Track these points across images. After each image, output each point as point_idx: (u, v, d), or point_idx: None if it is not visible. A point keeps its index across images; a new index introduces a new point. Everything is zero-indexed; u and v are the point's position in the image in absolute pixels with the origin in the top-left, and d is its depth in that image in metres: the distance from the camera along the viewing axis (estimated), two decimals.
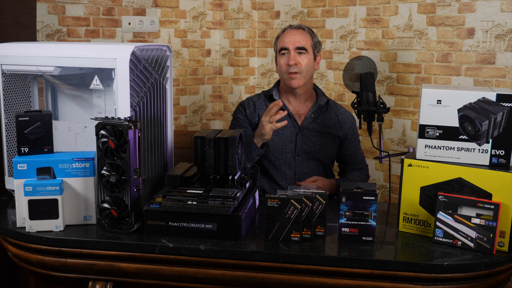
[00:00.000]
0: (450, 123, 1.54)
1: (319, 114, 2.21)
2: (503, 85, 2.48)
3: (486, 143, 1.51)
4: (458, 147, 1.54)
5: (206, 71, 3.53)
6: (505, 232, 1.50)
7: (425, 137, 1.57)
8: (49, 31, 2.80)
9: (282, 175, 2.19)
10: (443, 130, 1.55)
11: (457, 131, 1.53)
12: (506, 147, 1.50)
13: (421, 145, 1.59)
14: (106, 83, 1.79)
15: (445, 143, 1.55)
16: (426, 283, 1.44)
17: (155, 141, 1.80)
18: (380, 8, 2.88)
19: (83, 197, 1.66)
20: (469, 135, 1.52)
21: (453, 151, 1.55)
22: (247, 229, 1.64)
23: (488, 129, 1.49)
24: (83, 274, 1.59)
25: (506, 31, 2.44)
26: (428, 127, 1.56)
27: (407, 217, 1.65)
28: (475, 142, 1.52)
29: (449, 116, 1.53)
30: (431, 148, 1.57)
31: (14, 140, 1.87)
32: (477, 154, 1.53)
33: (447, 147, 1.55)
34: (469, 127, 1.51)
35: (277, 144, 2.17)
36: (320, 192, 1.60)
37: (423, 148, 1.58)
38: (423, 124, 1.57)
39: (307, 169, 2.19)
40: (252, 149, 2.01)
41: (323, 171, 2.23)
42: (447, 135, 1.55)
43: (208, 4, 3.46)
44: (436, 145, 1.56)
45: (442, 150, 1.56)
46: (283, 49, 2.14)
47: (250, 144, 2.01)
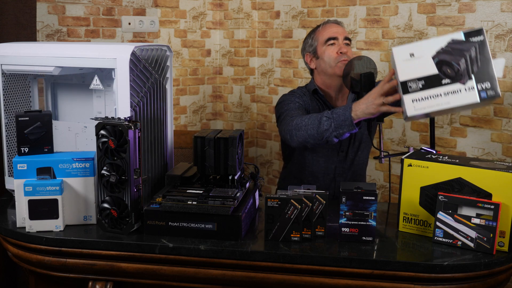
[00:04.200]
0: (429, 72, 1.53)
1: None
2: (503, 85, 2.48)
3: (469, 80, 1.50)
4: (445, 92, 1.52)
5: (206, 71, 3.53)
6: (505, 232, 1.50)
7: (410, 92, 1.55)
8: (49, 31, 2.80)
9: (324, 170, 2.16)
10: (424, 80, 1.54)
11: (438, 77, 1.53)
12: (490, 78, 1.49)
13: (408, 101, 1.56)
14: (106, 83, 1.80)
15: (431, 92, 1.54)
16: (426, 283, 1.44)
17: (155, 141, 1.80)
18: (380, 8, 2.88)
19: (83, 197, 1.66)
20: (451, 78, 1.51)
21: (441, 98, 1.53)
22: (247, 229, 1.64)
23: (466, 66, 1.49)
24: (83, 274, 1.59)
25: (506, 31, 2.44)
26: (409, 82, 1.55)
27: (407, 217, 1.65)
28: (459, 83, 1.51)
29: (425, 65, 1.53)
30: (419, 101, 1.55)
31: (14, 140, 1.87)
32: (465, 94, 1.51)
33: (434, 95, 1.53)
34: (448, 69, 1.51)
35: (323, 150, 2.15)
36: (320, 192, 1.60)
37: (411, 103, 1.55)
38: (403, 81, 1.56)
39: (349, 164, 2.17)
40: (346, 125, 1.77)
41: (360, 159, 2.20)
42: (430, 84, 1.53)
43: (208, 4, 3.46)
44: (423, 97, 1.54)
45: (429, 100, 1.54)
46: (332, 38, 2.10)
47: (346, 117, 1.77)
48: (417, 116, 1.62)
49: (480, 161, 1.61)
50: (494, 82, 1.50)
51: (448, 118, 2.68)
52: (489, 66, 1.50)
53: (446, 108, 1.54)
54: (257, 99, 3.56)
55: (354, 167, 2.20)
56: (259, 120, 3.58)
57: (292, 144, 1.95)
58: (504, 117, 2.49)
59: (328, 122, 1.80)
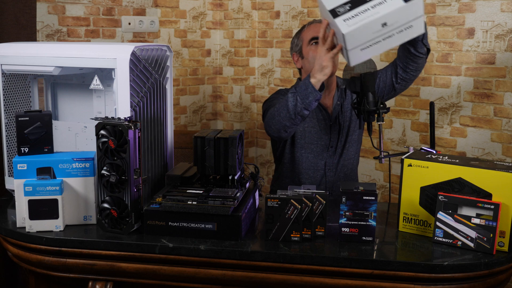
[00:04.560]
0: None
1: (342, 100, 2.21)
2: (503, 85, 2.48)
3: None
4: (372, 6, 1.60)
5: (206, 71, 3.53)
6: (505, 232, 1.50)
7: (340, 15, 1.62)
8: (49, 31, 2.80)
9: (314, 167, 2.19)
10: (350, 2, 1.62)
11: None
12: None
13: (340, 22, 1.61)
14: (106, 83, 1.80)
15: (359, 9, 1.60)
16: (426, 283, 1.44)
17: (155, 141, 1.80)
18: None
19: (83, 197, 1.66)
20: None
21: (370, 11, 1.59)
22: (247, 229, 1.64)
23: None
24: (83, 274, 1.59)
25: (506, 31, 2.44)
26: (336, 8, 1.63)
27: (407, 217, 1.65)
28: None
29: None
30: (350, 19, 1.60)
31: (14, 140, 1.87)
32: (390, 2, 1.59)
33: (363, 11, 1.60)
34: None
35: (313, 137, 2.19)
36: (320, 192, 1.60)
37: (343, 23, 1.61)
38: (331, 9, 1.63)
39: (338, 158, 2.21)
40: (310, 92, 1.84)
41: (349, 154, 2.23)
42: (356, 3, 1.61)
43: (208, 4, 3.46)
44: (353, 15, 1.60)
45: (360, 15, 1.60)
46: (316, 38, 2.11)
47: (306, 86, 1.83)
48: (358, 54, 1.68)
49: (480, 161, 1.61)
50: None
51: (448, 118, 2.68)
52: None
53: (376, 18, 1.58)
54: (257, 99, 3.56)
55: (343, 161, 2.23)
56: (259, 120, 3.58)
57: (273, 135, 2.00)
58: (504, 117, 2.49)
59: (294, 97, 1.86)
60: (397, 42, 1.69)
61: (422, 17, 1.65)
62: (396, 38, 1.66)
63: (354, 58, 1.71)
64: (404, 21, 1.62)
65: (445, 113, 2.70)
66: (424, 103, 2.76)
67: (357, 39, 1.64)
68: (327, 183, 2.21)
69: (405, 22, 1.62)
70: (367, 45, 1.66)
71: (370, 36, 1.64)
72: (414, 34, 1.69)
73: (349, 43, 1.64)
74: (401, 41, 1.70)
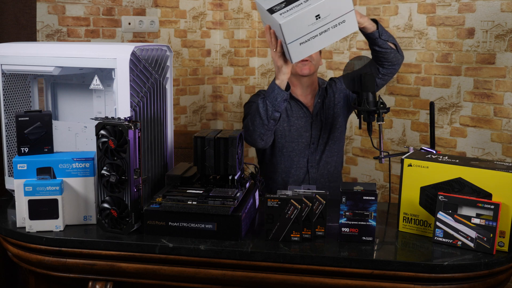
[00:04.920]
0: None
1: (323, 98, 2.25)
2: (503, 85, 2.48)
3: None
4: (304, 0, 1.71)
5: (206, 71, 3.53)
6: (505, 232, 1.50)
7: (275, 11, 1.73)
8: (49, 31, 2.80)
9: (296, 164, 2.22)
10: (285, 1, 1.74)
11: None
12: None
13: (277, 16, 1.72)
14: (106, 83, 1.80)
15: (293, 4, 1.72)
16: (426, 283, 1.44)
17: (155, 141, 1.80)
18: (380, 8, 2.88)
19: (83, 197, 1.66)
20: None
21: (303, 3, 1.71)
22: (247, 229, 1.64)
23: None
24: (83, 274, 1.59)
25: (506, 31, 2.44)
26: (274, 7, 1.74)
27: (407, 217, 1.65)
28: None
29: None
30: (286, 12, 1.71)
31: (14, 140, 1.87)
32: None
33: (297, 5, 1.71)
34: None
35: (293, 135, 2.21)
36: (320, 192, 1.60)
37: (279, 16, 1.71)
38: (269, 8, 1.75)
39: (319, 154, 2.23)
40: (277, 94, 1.92)
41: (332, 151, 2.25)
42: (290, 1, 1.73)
43: (208, 4, 3.46)
44: (288, 9, 1.71)
45: (293, 8, 1.71)
46: None
47: (273, 89, 1.92)
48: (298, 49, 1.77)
49: (480, 161, 1.61)
50: None
51: (448, 118, 2.68)
52: None
53: (309, 9, 1.69)
54: None
55: (326, 158, 2.24)
56: None
57: (254, 145, 2.07)
58: (504, 117, 2.49)
59: (263, 102, 1.93)
60: (335, 37, 1.78)
61: (353, 12, 1.74)
62: (332, 33, 1.75)
63: (295, 54, 1.79)
64: (337, 15, 1.72)
65: (445, 113, 2.70)
66: (424, 103, 2.76)
67: (294, 31, 1.73)
68: (310, 180, 2.22)
69: (337, 16, 1.72)
70: (305, 39, 1.74)
71: (306, 29, 1.72)
72: (349, 30, 1.78)
73: (286, 35, 1.72)
74: (339, 36, 1.78)
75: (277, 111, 1.93)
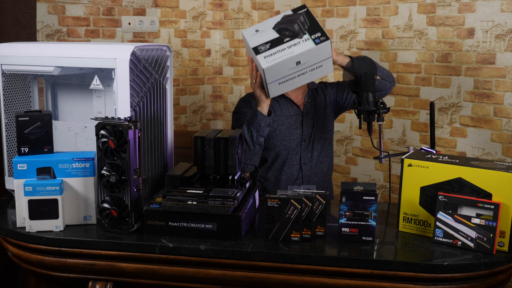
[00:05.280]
0: (272, 37, 1.87)
1: (313, 98, 2.28)
2: (503, 85, 2.48)
3: (304, 35, 1.85)
4: (288, 46, 1.83)
5: (206, 71, 3.53)
6: (505, 232, 1.50)
7: (261, 52, 1.85)
8: (49, 31, 2.80)
9: (289, 161, 2.23)
10: (270, 42, 1.86)
11: (280, 38, 1.86)
12: (320, 30, 1.85)
13: (261, 59, 1.84)
14: (106, 83, 1.79)
15: (277, 48, 1.84)
16: (426, 283, 1.44)
17: (155, 141, 1.80)
18: (380, 8, 2.88)
19: (83, 197, 1.66)
20: (290, 36, 1.85)
21: (286, 50, 1.83)
22: (247, 229, 1.64)
23: (299, 27, 1.86)
24: (83, 274, 1.59)
25: (506, 31, 2.44)
26: (258, 46, 1.86)
27: (407, 217, 1.65)
28: (297, 38, 1.85)
29: (269, 34, 1.87)
30: (269, 56, 1.83)
31: (14, 140, 1.87)
32: (303, 44, 1.83)
33: (280, 50, 1.83)
34: (287, 32, 1.85)
35: (284, 133, 2.21)
36: (320, 192, 1.60)
37: (263, 59, 1.83)
38: (254, 46, 1.86)
39: (311, 152, 2.24)
40: (260, 120, 2.03)
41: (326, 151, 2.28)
42: (275, 44, 1.85)
43: (208, 4, 3.46)
44: (271, 53, 1.83)
45: (277, 53, 1.83)
46: None
47: (256, 115, 2.03)
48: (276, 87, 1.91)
49: (480, 161, 1.61)
50: (323, 32, 1.83)
51: (448, 118, 2.68)
52: (317, 24, 1.85)
53: (291, 57, 1.81)
54: None
55: (318, 157, 2.26)
56: None
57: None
58: (504, 117, 2.49)
59: (248, 129, 2.05)
60: (311, 78, 1.94)
61: (330, 58, 1.90)
62: (309, 75, 1.90)
63: (273, 91, 1.94)
64: (315, 61, 1.86)
65: (445, 113, 2.70)
66: (424, 103, 2.76)
67: (275, 74, 1.86)
68: (303, 177, 2.23)
69: (316, 62, 1.87)
70: (284, 80, 1.89)
71: (286, 72, 1.86)
72: (325, 73, 1.94)
73: (268, 77, 1.86)
74: (314, 78, 1.94)
75: (261, 136, 2.03)
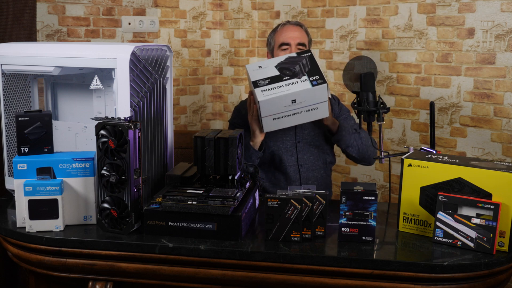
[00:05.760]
0: (273, 74, 1.94)
1: None
2: (503, 85, 2.48)
3: (303, 76, 1.91)
4: (286, 84, 1.90)
5: (206, 71, 3.53)
6: (505, 232, 1.50)
7: (259, 86, 1.91)
8: (49, 31, 2.80)
9: (285, 163, 2.22)
10: (270, 79, 1.93)
11: (280, 76, 1.93)
12: (318, 73, 1.91)
13: (258, 92, 1.90)
14: (106, 83, 1.79)
15: (275, 84, 1.91)
16: (426, 283, 1.44)
17: (155, 141, 1.80)
18: (380, 8, 2.88)
19: (83, 197, 1.66)
20: (290, 76, 1.92)
21: (283, 87, 1.89)
22: (247, 229, 1.64)
23: (300, 69, 1.93)
24: (83, 274, 1.59)
25: (506, 31, 2.44)
26: (258, 80, 1.93)
27: (407, 217, 1.65)
28: (296, 78, 1.91)
29: (270, 71, 1.95)
30: (266, 90, 1.90)
31: (14, 140, 1.87)
32: (301, 84, 1.89)
33: (278, 86, 1.90)
34: (287, 72, 1.92)
35: (277, 134, 2.21)
36: (320, 192, 1.60)
37: (260, 93, 1.90)
38: (254, 80, 1.94)
39: (308, 154, 2.23)
40: (251, 153, 2.08)
41: (323, 156, 2.27)
42: (274, 80, 1.92)
43: (208, 4, 3.46)
44: (269, 88, 1.90)
45: (274, 89, 1.90)
46: (285, 44, 2.20)
47: (248, 148, 2.07)
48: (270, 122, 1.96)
49: (480, 161, 1.61)
50: (321, 75, 1.90)
51: (448, 118, 2.68)
52: (317, 68, 1.92)
53: (287, 94, 1.87)
54: None
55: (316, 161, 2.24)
56: None
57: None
58: (504, 117, 2.49)
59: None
60: (305, 119, 1.98)
61: (327, 102, 1.93)
62: (303, 115, 1.95)
63: (267, 126, 1.99)
64: (311, 102, 1.91)
65: (445, 113, 2.70)
66: (424, 103, 2.76)
67: (270, 109, 1.92)
68: (301, 179, 2.22)
69: (311, 103, 1.91)
70: (279, 116, 1.94)
71: (282, 108, 1.91)
72: (319, 116, 1.98)
73: (263, 110, 1.92)
74: (309, 119, 1.98)
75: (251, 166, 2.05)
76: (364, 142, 2.15)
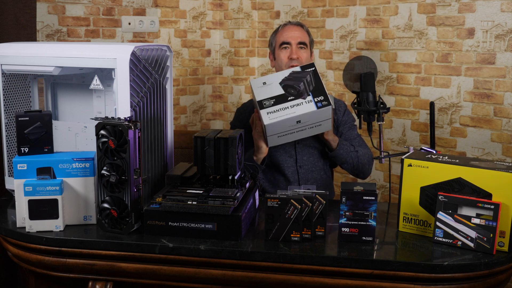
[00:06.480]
0: (277, 93, 1.94)
1: None
2: (503, 85, 2.48)
3: (308, 96, 1.91)
4: (291, 105, 1.91)
5: (206, 71, 3.54)
6: (505, 232, 1.50)
7: (265, 108, 1.92)
8: (49, 31, 2.80)
9: (284, 164, 2.22)
10: (275, 98, 1.93)
11: (285, 96, 1.93)
12: (323, 94, 1.91)
13: (264, 114, 1.91)
14: (106, 83, 1.80)
15: (280, 106, 1.92)
16: (426, 283, 1.44)
17: (155, 141, 1.80)
18: (380, 8, 2.88)
19: (83, 197, 1.66)
20: (294, 95, 1.92)
21: (288, 109, 1.90)
22: (247, 229, 1.64)
23: (305, 87, 1.92)
24: (83, 274, 1.59)
25: (506, 31, 2.44)
26: (263, 100, 1.93)
27: (407, 217, 1.65)
28: (301, 98, 1.91)
29: (275, 89, 1.95)
30: (272, 113, 1.91)
31: (14, 140, 1.87)
32: (305, 105, 1.90)
33: (283, 108, 1.91)
34: (292, 90, 1.92)
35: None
36: (320, 192, 1.60)
37: (266, 115, 1.90)
38: (259, 100, 1.94)
39: (307, 155, 2.22)
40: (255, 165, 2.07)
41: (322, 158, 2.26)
42: (279, 101, 1.92)
43: (208, 4, 3.46)
44: (275, 110, 1.91)
45: (280, 111, 1.90)
46: (285, 43, 2.20)
47: (251, 161, 2.07)
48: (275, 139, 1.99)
49: (480, 161, 1.61)
50: (326, 96, 1.90)
51: (448, 118, 2.68)
52: (321, 86, 1.92)
53: (293, 117, 1.89)
54: None
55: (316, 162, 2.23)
56: None
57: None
58: (504, 117, 2.49)
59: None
60: (308, 134, 2.01)
61: (330, 120, 1.96)
62: (307, 131, 1.98)
63: (272, 142, 2.02)
64: (315, 121, 1.94)
65: (445, 113, 2.70)
66: (424, 103, 2.76)
67: (275, 130, 1.94)
68: (300, 181, 2.22)
69: (316, 121, 1.95)
70: (283, 134, 1.97)
71: (287, 128, 1.94)
72: (322, 130, 2.01)
73: (268, 131, 1.94)
74: (312, 134, 2.01)
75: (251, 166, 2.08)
76: (361, 160, 2.15)
